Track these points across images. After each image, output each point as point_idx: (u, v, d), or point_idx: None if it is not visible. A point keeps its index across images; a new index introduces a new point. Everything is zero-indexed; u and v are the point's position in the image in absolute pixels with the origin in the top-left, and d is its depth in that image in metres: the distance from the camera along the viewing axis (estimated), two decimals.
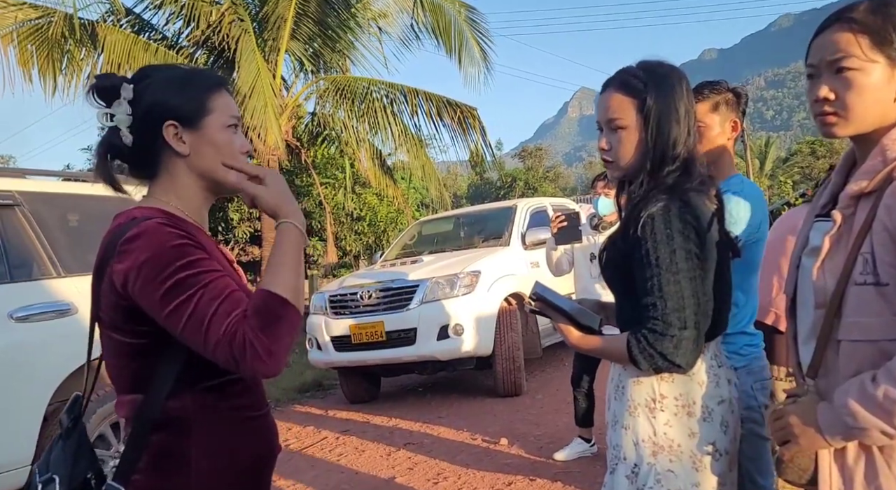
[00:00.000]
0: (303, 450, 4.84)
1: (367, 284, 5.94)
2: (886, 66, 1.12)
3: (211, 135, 1.22)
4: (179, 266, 1.09)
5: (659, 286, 1.30)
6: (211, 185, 1.26)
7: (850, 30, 1.13)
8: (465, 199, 37.77)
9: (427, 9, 9.61)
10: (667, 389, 1.39)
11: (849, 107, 1.13)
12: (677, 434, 1.38)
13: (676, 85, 1.42)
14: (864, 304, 1.11)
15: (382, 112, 9.09)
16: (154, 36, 9.19)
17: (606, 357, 1.47)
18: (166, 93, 1.21)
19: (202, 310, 1.07)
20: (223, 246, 4.01)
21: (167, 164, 1.23)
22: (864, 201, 1.14)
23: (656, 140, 1.40)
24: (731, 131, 2.01)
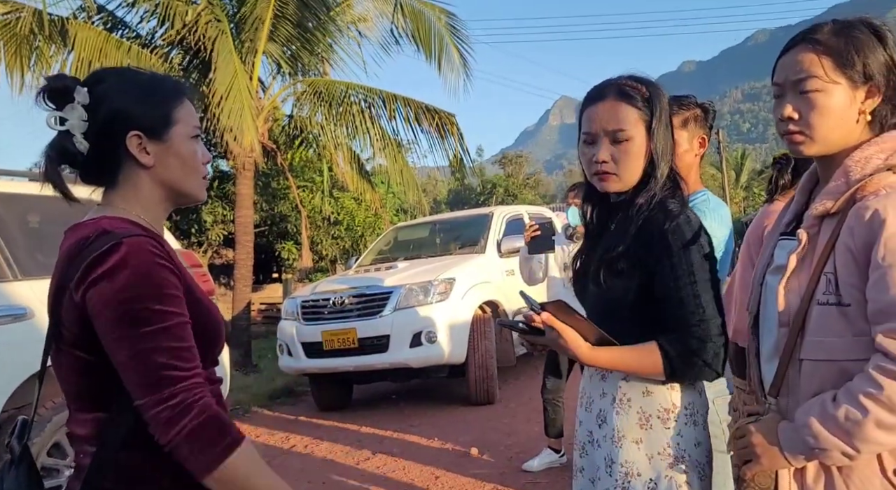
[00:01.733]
0: (268, 459, 4.75)
1: (340, 290, 5.87)
2: (848, 88, 1.13)
3: (177, 146, 1.19)
4: (148, 296, 1.05)
5: (696, 294, 1.31)
6: (173, 196, 1.23)
7: (814, 51, 1.14)
8: (445, 204, 37.80)
9: (407, 14, 9.59)
10: (678, 399, 1.38)
11: (813, 126, 1.15)
12: (687, 444, 1.38)
13: (667, 99, 1.46)
14: (826, 323, 1.11)
15: (360, 116, 9.03)
16: (128, 34, 9.03)
17: (629, 369, 1.36)
18: (129, 101, 1.16)
19: (154, 353, 1.04)
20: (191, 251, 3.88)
21: (128, 175, 1.18)
22: (828, 221, 1.15)
23: (662, 154, 1.41)
24: (698, 147, 2.01)
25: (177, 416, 1.02)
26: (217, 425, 1.05)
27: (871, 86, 1.14)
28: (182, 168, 1.20)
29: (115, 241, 1.06)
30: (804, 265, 1.16)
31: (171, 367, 1.04)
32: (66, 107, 1.13)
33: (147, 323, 1.04)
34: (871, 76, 1.13)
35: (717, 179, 30.43)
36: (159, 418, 1.02)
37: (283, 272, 13.22)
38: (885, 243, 1.05)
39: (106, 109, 1.14)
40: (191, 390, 1.05)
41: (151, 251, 1.08)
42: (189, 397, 1.04)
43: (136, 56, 8.41)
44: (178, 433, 1.01)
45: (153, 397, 1.03)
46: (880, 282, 1.05)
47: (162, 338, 1.05)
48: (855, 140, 1.16)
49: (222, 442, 1.04)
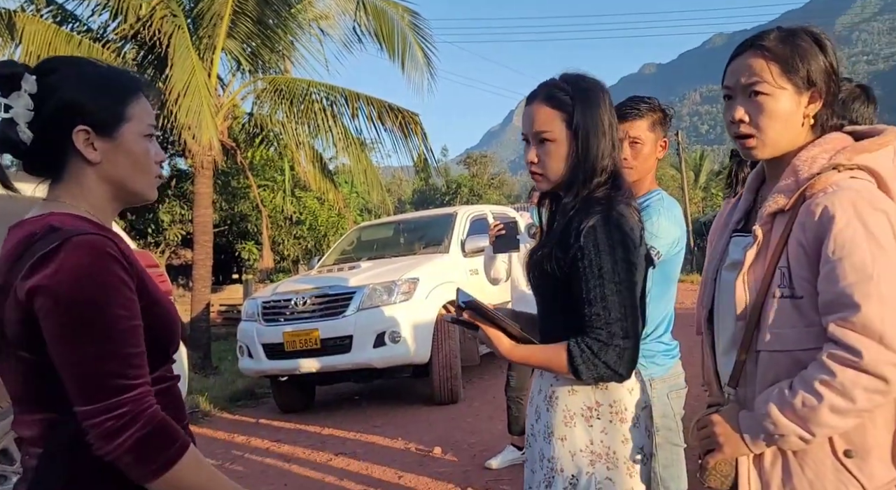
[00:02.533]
0: (231, 462, 4.66)
1: (302, 290, 5.79)
2: (794, 93, 1.19)
3: (127, 144, 1.14)
4: (98, 297, 1.01)
5: (603, 296, 1.31)
6: (122, 195, 1.19)
7: (762, 57, 1.19)
8: (410, 204, 37.73)
9: (370, 12, 9.52)
10: (601, 397, 1.40)
11: (762, 129, 1.20)
12: (612, 441, 1.39)
13: (600, 98, 1.44)
14: (781, 316, 1.16)
15: (322, 114, 8.93)
16: (78, 27, 8.76)
17: (541, 366, 1.43)
18: (79, 93, 1.11)
19: (103, 359, 1.01)
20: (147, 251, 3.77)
21: (73, 170, 1.13)
22: (780, 218, 1.20)
23: (585, 153, 1.40)
24: (660, 149, 2.05)
25: (121, 427, 0.99)
26: (162, 435, 1.03)
27: (813, 91, 1.20)
28: (131, 167, 1.16)
29: (63, 239, 1.02)
30: (759, 260, 1.21)
31: (118, 374, 1.01)
32: (12, 94, 1.08)
33: (96, 326, 1.00)
34: (814, 82, 1.19)
35: (677, 180, 31.09)
36: (102, 428, 0.99)
37: (244, 273, 13.01)
38: (835, 238, 1.10)
39: (54, 100, 1.09)
40: (138, 401, 1.02)
41: (103, 250, 1.04)
42: (136, 408, 1.01)
43: (88, 50, 8.17)
44: (121, 445, 0.99)
45: (97, 406, 0.99)
46: (831, 275, 1.10)
47: (111, 342, 1.01)
48: (800, 142, 1.22)
49: (166, 452, 1.02)
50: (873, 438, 1.13)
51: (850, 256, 1.08)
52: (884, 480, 1.13)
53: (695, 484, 2.33)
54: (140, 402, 1.02)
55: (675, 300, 2.09)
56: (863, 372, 1.05)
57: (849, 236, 1.09)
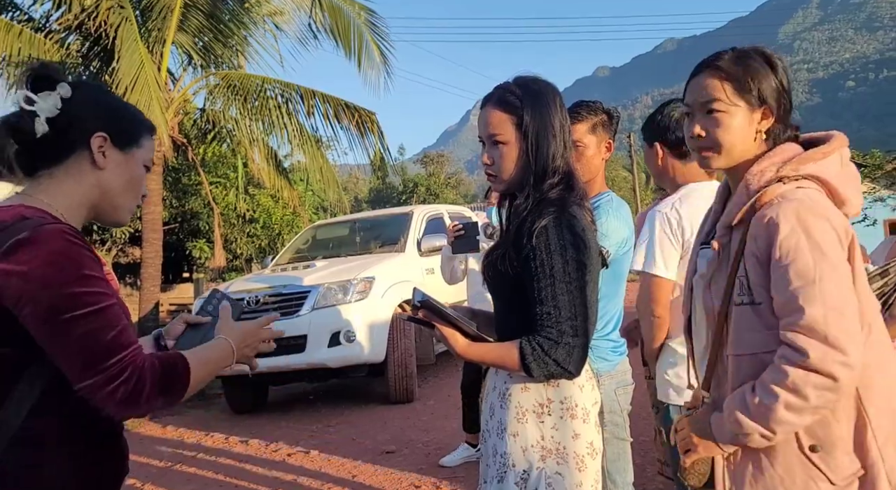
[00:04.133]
0: (179, 464, 4.57)
1: (256, 289, 5.71)
2: (747, 110, 1.29)
3: (133, 163, 1.28)
4: (80, 279, 1.08)
5: (553, 295, 1.34)
6: (102, 205, 1.27)
7: (717, 77, 1.29)
8: (367, 203, 37.51)
9: (325, 9, 9.41)
10: (553, 394, 1.43)
11: (719, 142, 1.30)
12: (563, 437, 1.42)
13: (551, 101, 1.47)
14: (743, 321, 1.24)
15: (277, 111, 8.78)
16: (19, 16, 8.39)
17: (494, 364, 1.46)
18: (107, 110, 1.26)
19: (96, 333, 1.07)
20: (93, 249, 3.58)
21: (72, 168, 1.22)
22: (737, 230, 1.28)
23: (536, 154, 1.44)
24: (605, 151, 2.10)
25: (136, 390, 1.08)
26: (169, 372, 1.14)
27: (765, 108, 1.29)
28: (127, 183, 1.27)
29: (35, 226, 1.09)
30: (721, 271, 1.29)
31: (110, 343, 1.08)
32: (43, 92, 1.18)
33: (78, 304, 1.07)
34: (765, 100, 1.28)
35: (629, 181, 31.80)
36: (118, 398, 1.07)
37: (195, 271, 12.69)
38: (780, 246, 1.18)
39: (83, 108, 1.22)
40: (135, 361, 1.10)
41: (75, 237, 1.12)
42: (137, 368, 1.09)
43: (28, 40, 7.82)
44: (147, 401, 1.10)
45: (99, 377, 1.06)
46: (779, 282, 1.18)
47: (97, 318, 1.08)
48: (752, 154, 1.31)
49: (180, 380, 1.16)
50: (837, 432, 1.20)
51: (794, 263, 1.16)
52: (849, 472, 1.19)
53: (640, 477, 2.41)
54: (136, 364, 1.10)
55: (623, 298, 2.16)
56: (812, 371, 1.12)
57: (793, 244, 1.17)
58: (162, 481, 4.21)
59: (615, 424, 2.02)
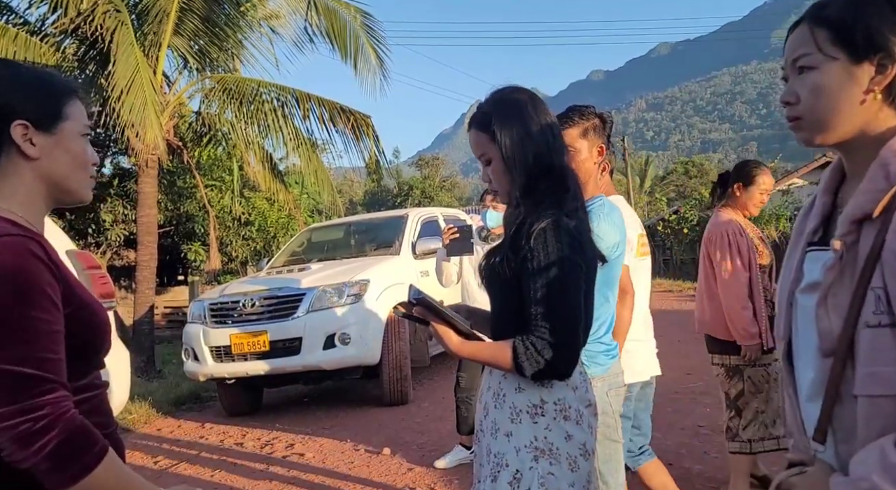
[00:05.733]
0: (174, 467, 4.58)
1: (251, 292, 5.73)
2: (847, 63, 0.96)
3: (66, 141, 1.15)
4: (23, 301, 0.99)
5: (548, 296, 1.36)
6: (56, 193, 1.18)
7: (808, 24, 1.00)
8: (362, 205, 37.50)
9: (321, 12, 9.45)
10: (547, 395, 1.44)
11: (809, 110, 0.99)
12: (556, 438, 1.44)
13: (523, 107, 1.50)
14: (881, 350, 0.89)
15: (273, 115, 8.82)
16: (14, 20, 8.40)
17: (487, 363, 1.48)
18: (16, 91, 1.12)
19: (23, 362, 0.98)
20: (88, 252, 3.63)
21: (8, 167, 1.12)
22: (869, 226, 0.93)
23: (514, 163, 1.48)
24: (597, 155, 2.13)
25: (39, 430, 0.97)
26: (81, 440, 1.01)
27: (880, 58, 0.94)
28: (70, 164, 1.16)
29: None
30: (844, 280, 0.94)
31: (37, 377, 0.99)
32: None
33: (15, 328, 0.99)
34: (881, 46, 0.94)
35: (623, 184, 31.87)
36: (17, 431, 0.96)
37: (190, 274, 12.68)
38: None
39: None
40: (57, 404, 1.00)
41: (27, 251, 1.03)
42: (55, 411, 0.99)
43: (24, 44, 7.85)
44: (39, 450, 0.97)
45: (13, 408, 0.97)
46: None
47: (30, 345, 1.00)
48: (879, 125, 0.97)
49: (85, 457, 1.01)
50: None
51: None
52: None
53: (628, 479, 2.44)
54: (59, 406, 1.00)
55: (615, 302, 2.19)
56: None
57: None
58: (158, 482, 4.16)
59: (607, 426, 2.05)
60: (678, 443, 4.25)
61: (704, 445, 4.15)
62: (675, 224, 21.36)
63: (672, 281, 20.37)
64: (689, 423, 4.64)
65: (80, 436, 1.01)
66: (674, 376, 6.28)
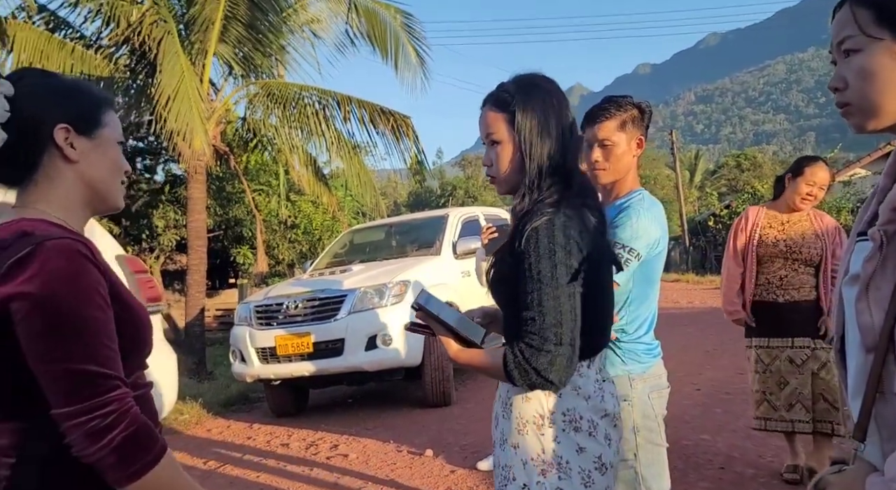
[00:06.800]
0: (222, 467, 4.66)
1: (294, 294, 5.80)
2: (893, 44, 0.91)
3: (104, 146, 1.19)
4: (77, 300, 1.02)
5: (539, 301, 1.28)
6: (94, 199, 1.21)
7: (852, 4, 0.95)
8: (405, 206, 37.74)
9: (361, 14, 9.53)
10: (554, 405, 1.36)
11: (857, 94, 0.94)
12: (565, 450, 1.35)
13: (546, 97, 1.41)
14: None
15: (315, 118, 8.93)
16: (71, 34, 8.74)
17: (484, 372, 1.41)
18: (58, 97, 1.16)
19: (84, 360, 1.01)
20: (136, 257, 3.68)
21: (48, 170, 1.15)
22: None
23: (530, 152, 1.39)
24: (636, 148, 2.04)
25: (108, 426, 1.00)
26: (145, 436, 1.04)
27: None
28: (107, 169, 1.20)
29: (37, 243, 1.03)
30: (886, 272, 0.90)
31: (101, 374, 1.02)
32: None
33: (75, 328, 1.02)
34: None
35: (672, 179, 31.14)
36: (87, 427, 0.99)
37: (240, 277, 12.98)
38: None
39: (33, 102, 1.12)
40: (122, 399, 1.03)
41: (77, 252, 1.06)
42: (122, 407, 1.02)
43: (80, 57, 8.15)
44: (108, 444, 0.99)
45: (82, 405, 1.00)
46: None
47: (91, 343, 1.03)
48: None
49: (149, 453, 1.03)
50: None
51: None
52: None
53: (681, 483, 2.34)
54: (124, 402, 1.03)
55: (657, 300, 2.10)
56: None
57: None
58: (207, 483, 4.29)
59: (649, 429, 1.96)
60: (729, 445, 4.09)
61: (758, 448, 3.97)
62: (727, 219, 20.72)
63: None
64: (742, 425, 4.46)
65: (145, 433, 1.04)
66: (724, 376, 6.07)
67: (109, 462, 1.00)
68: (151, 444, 1.04)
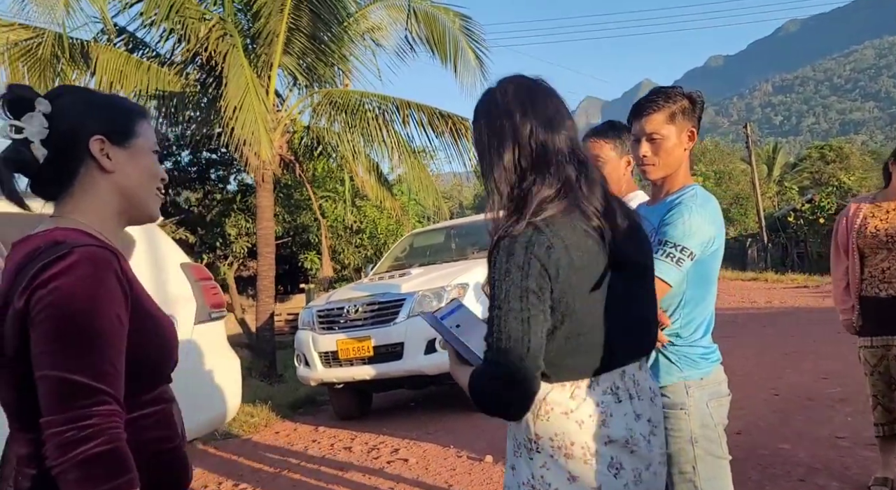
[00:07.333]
0: (286, 471, 4.75)
1: (355, 298, 5.86)
2: None
3: (139, 156, 1.22)
4: (90, 311, 1.02)
5: (492, 323, 1.20)
6: (129, 208, 1.23)
7: None
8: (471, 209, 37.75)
9: (420, 19, 9.60)
10: (542, 429, 1.26)
11: None
12: (554, 478, 1.25)
13: (493, 101, 1.31)
14: None
15: (375, 122, 9.06)
16: (147, 53, 9.20)
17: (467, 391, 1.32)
18: (92, 110, 1.20)
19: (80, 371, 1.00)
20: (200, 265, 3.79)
21: (85, 181, 1.18)
22: None
23: (484, 170, 1.33)
24: (687, 141, 1.92)
25: (81, 439, 0.97)
26: (118, 461, 1.00)
27: None
28: (141, 176, 1.22)
29: (66, 250, 1.05)
30: None
31: (92, 388, 1.01)
32: (25, 116, 1.13)
33: (80, 336, 1.01)
34: None
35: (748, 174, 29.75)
36: (62, 438, 0.97)
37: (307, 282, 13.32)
38: None
39: (69, 117, 1.16)
40: (107, 417, 1.00)
41: (103, 262, 1.06)
42: (102, 423, 0.99)
43: (156, 74, 8.57)
44: (73, 457, 0.96)
45: (65, 415, 0.98)
46: None
47: (91, 355, 1.02)
48: None
49: (113, 480, 0.98)
50: None
51: None
52: None
53: None
54: (107, 419, 1.00)
55: (714, 301, 1.96)
56: None
57: None
58: (271, 486, 4.38)
59: (708, 440, 1.82)
60: (811, 455, 3.81)
61: (844, 459, 3.69)
62: (809, 214, 19.58)
63: (807, 275, 18.64)
64: (826, 434, 4.16)
65: (119, 456, 1.00)
66: (806, 380, 5.69)
67: (69, 477, 0.96)
68: (121, 472, 0.99)
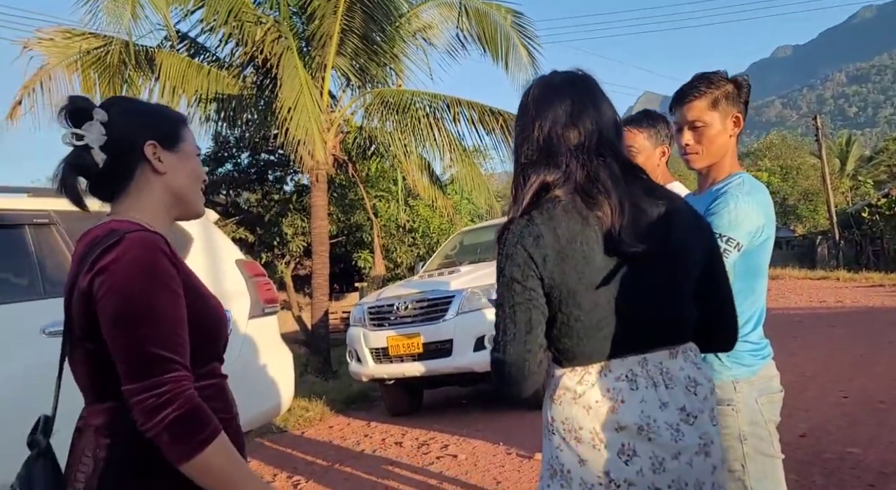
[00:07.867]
0: (338, 464, 4.82)
1: (405, 295, 5.89)
2: None
3: (186, 157, 1.35)
4: (149, 287, 1.14)
5: (498, 315, 1.29)
6: (178, 205, 1.35)
7: None
8: None
9: (472, 16, 9.58)
10: (556, 413, 1.29)
11: None
12: (567, 459, 1.27)
13: (519, 107, 1.38)
14: None
15: (426, 120, 9.09)
16: (208, 58, 9.52)
17: None
18: (144, 118, 1.33)
19: (148, 343, 1.12)
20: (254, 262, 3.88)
21: (139, 182, 1.30)
22: None
23: (514, 163, 1.37)
24: (732, 127, 1.83)
25: (161, 405, 1.09)
26: (197, 418, 1.12)
27: None
28: (190, 178, 1.36)
29: (121, 235, 1.17)
30: None
31: (160, 357, 1.12)
32: (85, 124, 1.25)
33: (144, 311, 1.13)
34: None
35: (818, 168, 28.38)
36: (144, 405, 1.09)
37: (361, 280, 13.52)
38: None
39: (123, 124, 1.29)
40: (178, 381, 1.11)
41: (155, 245, 1.18)
42: (175, 388, 1.10)
43: (215, 78, 8.86)
44: (160, 422, 1.09)
45: (142, 384, 1.10)
46: None
47: (156, 327, 1.13)
48: None
49: (199, 434, 1.11)
50: None
51: None
52: None
53: None
54: (179, 384, 1.11)
55: (765, 294, 1.86)
56: None
57: None
58: (324, 480, 4.46)
59: (759, 438, 1.74)
60: (883, 460, 3.60)
61: None
62: (886, 209, 18.50)
63: (884, 274, 17.61)
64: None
65: (196, 414, 1.12)
66: (879, 384, 5.38)
67: (164, 439, 1.09)
68: (202, 425, 1.12)
